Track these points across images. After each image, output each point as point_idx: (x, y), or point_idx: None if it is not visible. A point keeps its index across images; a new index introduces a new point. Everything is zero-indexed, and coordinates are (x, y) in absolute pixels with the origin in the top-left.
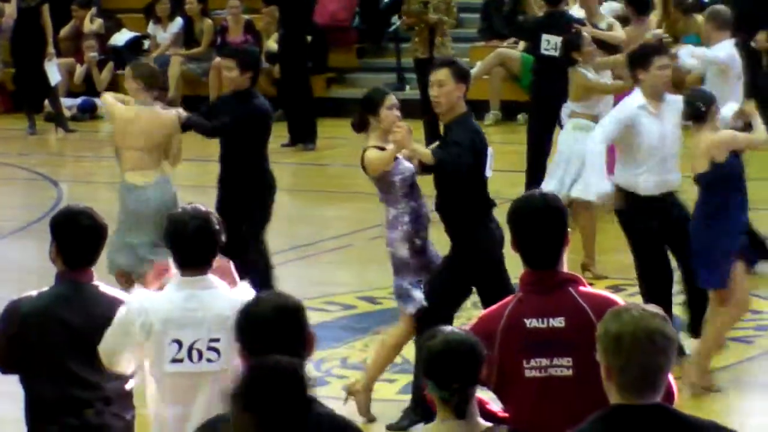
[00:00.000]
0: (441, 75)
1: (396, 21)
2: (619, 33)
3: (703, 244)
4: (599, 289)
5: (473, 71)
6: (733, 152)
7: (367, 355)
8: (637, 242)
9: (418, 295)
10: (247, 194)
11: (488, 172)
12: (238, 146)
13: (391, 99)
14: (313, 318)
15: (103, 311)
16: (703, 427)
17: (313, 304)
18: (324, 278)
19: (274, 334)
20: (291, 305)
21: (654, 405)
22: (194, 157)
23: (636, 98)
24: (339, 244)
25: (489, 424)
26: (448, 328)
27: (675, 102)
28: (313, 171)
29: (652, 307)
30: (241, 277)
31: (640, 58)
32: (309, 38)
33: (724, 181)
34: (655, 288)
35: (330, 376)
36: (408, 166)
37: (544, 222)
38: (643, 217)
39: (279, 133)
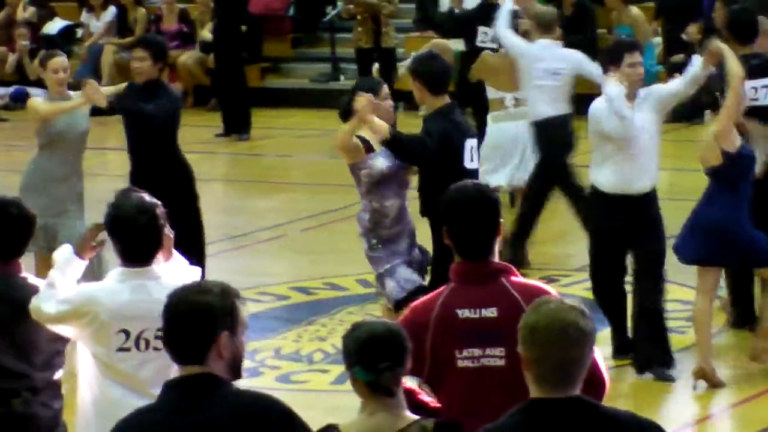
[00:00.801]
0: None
1: (331, 11)
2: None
3: (741, 231)
4: (532, 280)
5: (406, 63)
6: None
7: (300, 345)
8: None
9: (394, 281)
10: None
11: (470, 164)
12: (157, 137)
13: (385, 89)
14: (248, 308)
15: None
16: (619, 419)
17: (246, 295)
18: (257, 269)
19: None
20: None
21: (570, 398)
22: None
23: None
24: (272, 235)
25: (416, 417)
26: (370, 320)
27: (649, 95)
28: (247, 161)
29: (573, 301)
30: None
31: (613, 55)
32: (243, 28)
33: (739, 170)
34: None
35: (264, 367)
36: (379, 166)
37: (477, 213)
38: (603, 215)
39: (213, 123)
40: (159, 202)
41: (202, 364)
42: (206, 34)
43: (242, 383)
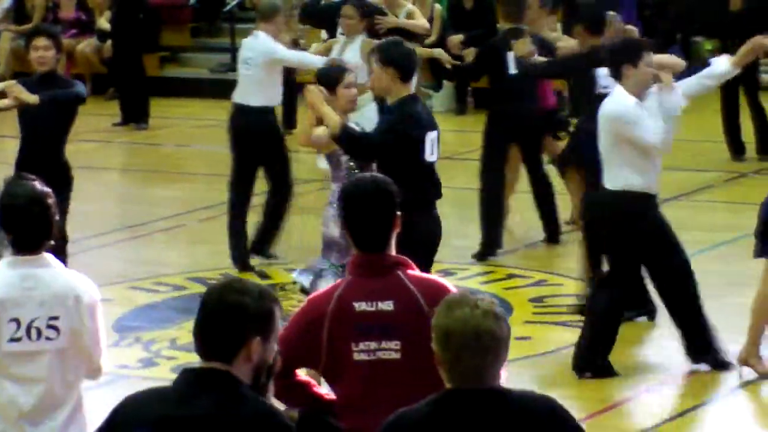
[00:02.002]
0: (372, 61)
1: (231, 1)
2: (420, 21)
3: None
4: (428, 273)
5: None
6: None
7: None
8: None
9: (325, 283)
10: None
11: (430, 157)
12: (50, 129)
13: (350, 77)
14: (142, 298)
15: None
16: (536, 404)
17: (143, 285)
18: (155, 258)
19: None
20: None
21: (487, 389)
22: None
23: (624, 97)
24: (170, 225)
25: (282, 407)
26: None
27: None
28: (145, 150)
29: (488, 302)
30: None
31: (630, 53)
32: (141, 16)
33: None
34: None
35: (159, 357)
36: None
37: (374, 205)
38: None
39: (111, 112)
40: (50, 190)
41: (229, 363)
42: (104, 22)
43: (136, 373)
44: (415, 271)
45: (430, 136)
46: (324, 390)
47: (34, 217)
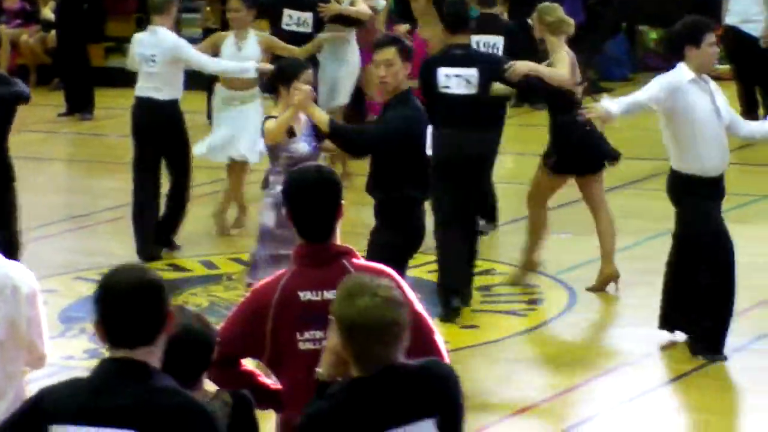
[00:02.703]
0: (388, 54)
1: None
2: (362, 7)
3: None
4: (372, 262)
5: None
6: None
7: None
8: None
9: (262, 273)
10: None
11: (429, 150)
12: None
13: (308, 75)
14: (88, 289)
15: None
16: (428, 371)
17: (88, 275)
18: (100, 249)
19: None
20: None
21: (387, 369)
22: None
23: (684, 72)
24: (115, 215)
25: (216, 390)
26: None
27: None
28: (90, 141)
29: (386, 287)
30: None
31: (692, 33)
32: (85, 6)
33: None
34: None
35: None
36: (302, 150)
37: (318, 195)
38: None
39: (55, 102)
40: None
41: (153, 345)
42: (48, 12)
43: (82, 364)
44: (360, 260)
45: (431, 129)
46: (269, 380)
47: None
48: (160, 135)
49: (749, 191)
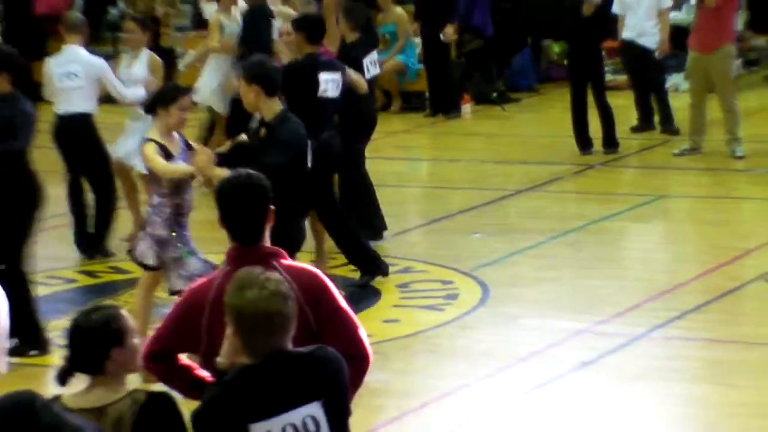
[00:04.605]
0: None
1: (112, 11)
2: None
3: None
4: (302, 263)
5: (186, 60)
6: None
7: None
8: None
9: (193, 266)
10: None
11: (309, 162)
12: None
13: (186, 101)
14: (36, 291)
15: None
16: (313, 356)
17: (36, 278)
18: (46, 253)
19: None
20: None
21: (274, 356)
22: None
23: None
24: (61, 222)
25: (132, 389)
26: (94, 307)
27: None
28: (38, 150)
29: (275, 281)
30: None
31: None
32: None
33: None
34: None
35: (53, 346)
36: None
37: (249, 199)
38: None
39: None
40: None
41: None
42: None
43: (30, 361)
44: (288, 261)
45: (311, 143)
46: (205, 373)
47: None
48: (81, 148)
49: (645, 191)
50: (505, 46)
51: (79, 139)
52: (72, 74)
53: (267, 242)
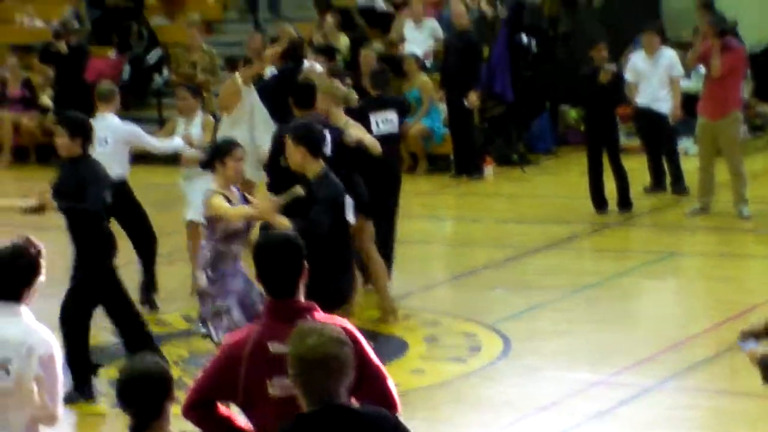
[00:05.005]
0: (287, 143)
1: (158, 78)
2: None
3: None
4: (334, 315)
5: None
6: None
7: None
8: None
9: (226, 320)
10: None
11: (351, 219)
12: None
13: (240, 152)
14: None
15: None
16: (373, 417)
17: None
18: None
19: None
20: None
21: (336, 405)
22: None
23: None
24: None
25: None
26: (141, 357)
27: None
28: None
29: (331, 329)
30: None
31: None
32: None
33: None
34: None
35: (100, 394)
36: (238, 223)
37: (284, 255)
38: None
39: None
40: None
41: None
42: (46, 99)
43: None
44: (321, 314)
45: (349, 200)
46: (243, 421)
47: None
48: (119, 209)
49: (658, 249)
50: (525, 112)
51: (116, 201)
52: (103, 140)
53: (301, 297)
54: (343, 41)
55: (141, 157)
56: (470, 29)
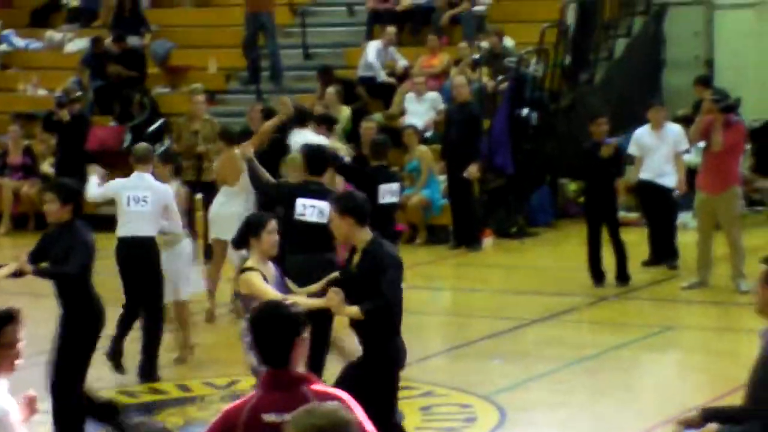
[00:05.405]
0: (330, 214)
1: (159, 147)
2: None
3: None
4: (328, 387)
5: None
6: None
7: None
8: None
9: None
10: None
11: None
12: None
13: (273, 224)
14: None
15: None
16: None
17: None
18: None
19: None
20: None
21: None
22: None
23: None
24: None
25: None
26: (144, 419)
27: None
28: None
29: (333, 404)
30: None
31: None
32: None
33: None
34: None
35: None
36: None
37: (276, 326)
38: None
39: None
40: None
41: None
42: (47, 167)
43: None
44: (319, 386)
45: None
46: None
47: None
48: (144, 270)
49: (656, 322)
50: (525, 184)
51: (145, 261)
52: (142, 200)
53: (297, 367)
54: (344, 113)
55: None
56: (471, 101)
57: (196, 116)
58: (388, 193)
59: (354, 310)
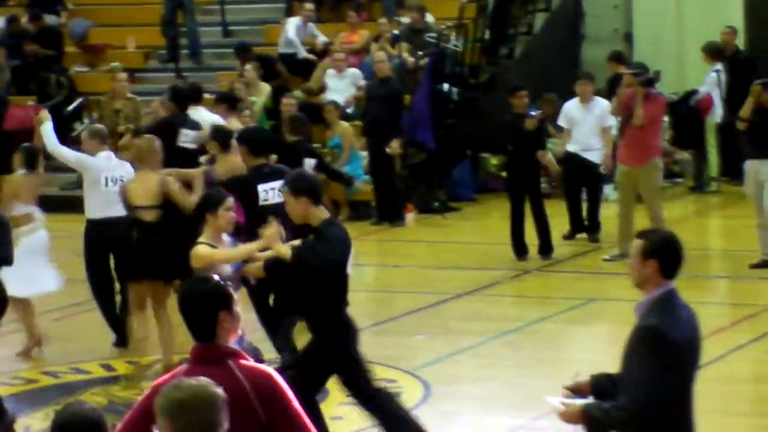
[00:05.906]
0: (285, 196)
1: (78, 126)
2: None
3: None
4: (258, 364)
5: None
6: None
7: (48, 423)
8: None
9: None
10: None
11: (350, 270)
12: None
13: (230, 201)
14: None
15: None
16: None
17: (1, 379)
18: (6, 354)
19: None
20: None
21: None
22: None
23: None
24: (17, 327)
25: None
26: (77, 404)
27: None
28: None
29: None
30: None
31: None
32: None
33: None
34: None
35: None
36: (226, 271)
37: (199, 301)
38: None
39: None
40: None
41: None
42: None
43: None
44: (247, 361)
45: (351, 251)
46: None
47: None
48: (122, 249)
49: (578, 295)
50: (446, 159)
51: (126, 240)
52: (119, 179)
53: (225, 342)
54: (265, 90)
55: (70, 205)
56: (392, 77)
57: (118, 95)
58: (306, 169)
59: (285, 248)
